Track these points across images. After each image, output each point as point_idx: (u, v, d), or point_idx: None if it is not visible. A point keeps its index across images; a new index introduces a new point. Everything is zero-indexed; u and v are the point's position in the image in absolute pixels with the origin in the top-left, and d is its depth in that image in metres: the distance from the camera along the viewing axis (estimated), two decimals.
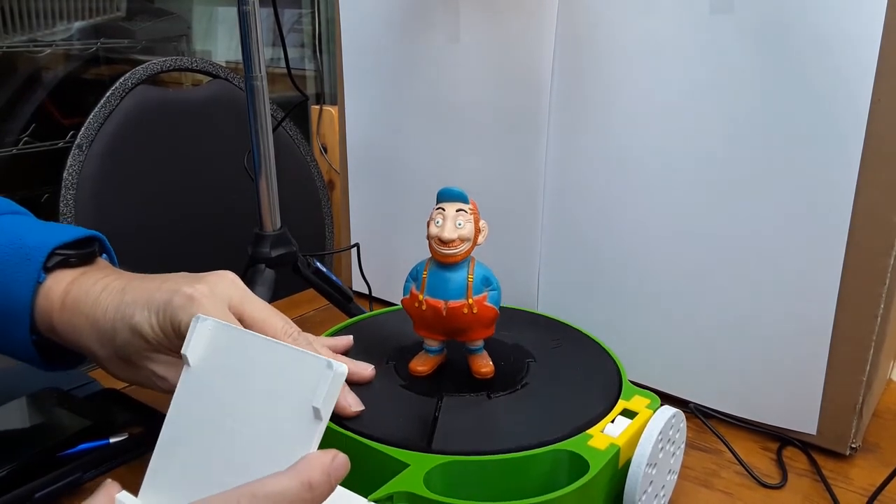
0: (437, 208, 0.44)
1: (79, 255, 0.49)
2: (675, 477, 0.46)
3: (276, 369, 0.34)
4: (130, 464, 0.50)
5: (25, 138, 1.40)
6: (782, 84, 0.47)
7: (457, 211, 0.43)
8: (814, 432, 0.52)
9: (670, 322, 0.56)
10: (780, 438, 0.54)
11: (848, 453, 0.52)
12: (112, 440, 0.50)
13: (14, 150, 1.39)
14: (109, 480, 0.34)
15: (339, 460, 0.31)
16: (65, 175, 0.98)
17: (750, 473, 0.50)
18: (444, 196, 0.44)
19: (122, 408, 0.54)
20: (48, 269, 0.47)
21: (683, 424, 0.45)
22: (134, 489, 0.36)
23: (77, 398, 0.55)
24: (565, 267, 0.61)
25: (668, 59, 0.52)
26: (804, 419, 0.52)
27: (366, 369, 0.47)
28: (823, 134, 0.47)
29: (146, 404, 0.54)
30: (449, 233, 0.43)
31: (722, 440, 0.52)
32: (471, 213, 0.44)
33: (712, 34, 0.49)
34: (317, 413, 0.32)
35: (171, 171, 1.07)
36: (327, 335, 0.52)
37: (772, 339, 0.52)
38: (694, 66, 0.51)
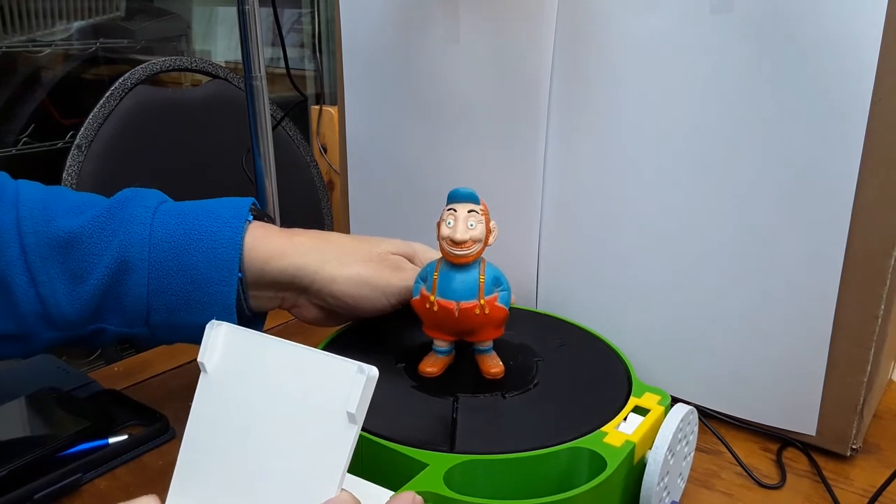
0: (448, 209, 0.43)
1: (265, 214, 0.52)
2: (684, 485, 0.46)
3: (299, 373, 0.33)
4: (130, 464, 0.50)
5: (25, 138, 1.40)
6: (782, 84, 0.47)
7: (468, 212, 0.43)
8: (814, 433, 0.52)
9: (669, 323, 0.56)
10: (780, 439, 0.54)
11: (848, 454, 0.51)
12: (112, 440, 0.50)
13: (14, 151, 1.39)
14: (154, 496, 0.33)
15: (416, 501, 0.33)
16: (64, 175, 0.98)
17: (750, 474, 0.50)
18: (456, 197, 0.44)
19: (122, 408, 0.54)
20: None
21: (696, 425, 0.45)
22: (134, 489, 0.36)
23: (77, 398, 0.54)
24: (564, 267, 0.61)
25: (668, 59, 0.52)
26: (804, 420, 0.52)
27: None
28: (823, 134, 0.47)
29: (146, 405, 0.54)
30: (461, 234, 0.43)
31: (722, 441, 0.52)
32: (482, 214, 0.43)
33: (712, 34, 0.49)
34: (351, 418, 0.31)
35: (170, 171, 1.07)
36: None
37: (772, 340, 0.52)
38: (694, 66, 0.51)
